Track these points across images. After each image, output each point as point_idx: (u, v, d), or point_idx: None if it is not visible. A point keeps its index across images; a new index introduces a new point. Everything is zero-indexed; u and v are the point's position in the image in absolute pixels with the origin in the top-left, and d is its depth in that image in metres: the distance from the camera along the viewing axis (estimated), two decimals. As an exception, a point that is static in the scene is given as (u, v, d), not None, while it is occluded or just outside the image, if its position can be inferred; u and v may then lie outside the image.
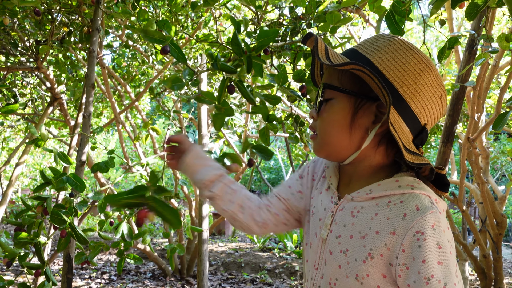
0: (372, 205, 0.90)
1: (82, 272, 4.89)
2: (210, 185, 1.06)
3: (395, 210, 0.87)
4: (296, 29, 1.78)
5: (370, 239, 0.88)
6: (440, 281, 0.81)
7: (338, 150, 0.94)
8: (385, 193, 0.90)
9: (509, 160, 6.91)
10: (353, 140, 0.92)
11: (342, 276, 0.91)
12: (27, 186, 9.42)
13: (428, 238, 0.82)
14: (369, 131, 0.91)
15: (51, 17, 2.42)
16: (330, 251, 0.94)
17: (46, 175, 1.68)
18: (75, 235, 1.68)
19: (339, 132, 0.92)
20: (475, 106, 2.66)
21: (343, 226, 0.93)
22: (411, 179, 0.91)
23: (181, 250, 2.21)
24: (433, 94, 0.90)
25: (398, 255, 0.84)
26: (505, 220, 3.44)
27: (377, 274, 0.87)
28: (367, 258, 0.87)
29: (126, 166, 2.74)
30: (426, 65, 0.89)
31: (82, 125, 1.98)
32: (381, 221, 0.88)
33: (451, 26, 3.08)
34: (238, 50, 1.12)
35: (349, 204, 0.94)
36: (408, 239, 0.83)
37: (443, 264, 0.82)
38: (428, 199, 0.87)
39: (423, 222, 0.83)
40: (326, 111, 0.93)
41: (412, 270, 0.83)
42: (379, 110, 0.90)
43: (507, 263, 6.41)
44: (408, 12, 1.47)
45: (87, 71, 2.04)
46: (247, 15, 3.26)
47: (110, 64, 4.43)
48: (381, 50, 0.89)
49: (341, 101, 0.91)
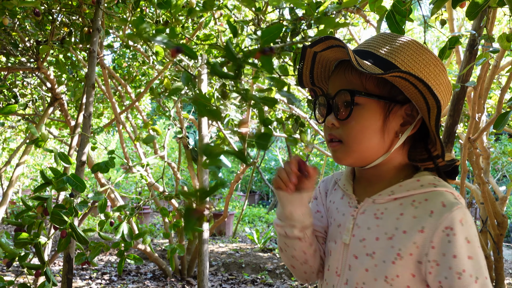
0: (396, 205, 0.91)
1: (82, 273, 4.89)
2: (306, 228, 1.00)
3: (421, 208, 0.87)
4: (296, 30, 1.78)
5: (398, 239, 0.88)
6: (471, 275, 0.82)
7: (367, 155, 0.93)
8: (408, 193, 0.90)
9: (510, 160, 6.90)
10: (384, 144, 0.92)
11: (370, 280, 0.90)
12: (28, 186, 9.43)
13: (458, 233, 0.83)
14: (400, 134, 0.91)
15: (52, 18, 2.42)
16: (355, 255, 0.93)
17: (47, 175, 1.68)
18: (75, 236, 1.68)
19: (371, 138, 0.90)
20: (476, 107, 2.65)
21: (367, 228, 0.93)
22: (431, 177, 0.92)
23: (181, 251, 2.21)
24: (448, 91, 0.92)
25: (428, 252, 0.85)
26: (506, 221, 3.43)
27: (407, 274, 0.87)
28: (396, 259, 0.87)
29: (126, 166, 2.74)
30: (441, 64, 0.90)
31: (83, 125, 1.98)
32: (407, 220, 0.88)
33: (452, 27, 3.08)
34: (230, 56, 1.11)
35: (371, 206, 0.94)
36: (437, 236, 0.84)
37: (473, 258, 0.83)
38: (452, 195, 0.88)
39: (451, 218, 0.84)
40: (355, 117, 0.90)
41: (442, 266, 0.83)
42: (406, 112, 0.91)
43: (508, 263, 6.40)
44: (408, 12, 1.47)
45: (87, 71, 2.03)
46: (248, 16, 3.26)
47: (111, 64, 4.43)
48: (400, 52, 0.88)
49: (370, 106, 0.89)
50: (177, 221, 2.20)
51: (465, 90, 2.41)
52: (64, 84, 3.31)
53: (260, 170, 11.70)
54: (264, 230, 8.09)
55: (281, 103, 5.30)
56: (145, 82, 4.48)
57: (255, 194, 14.27)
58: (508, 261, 6.64)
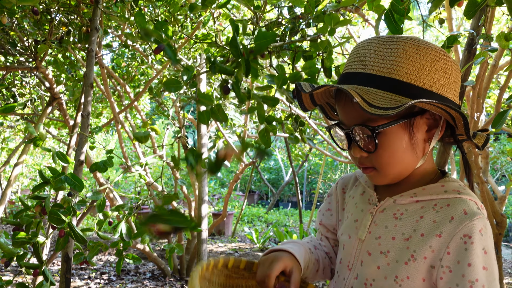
0: (417, 208, 0.91)
1: (81, 273, 4.88)
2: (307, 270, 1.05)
3: (442, 213, 0.87)
4: (295, 29, 1.78)
5: (414, 241, 0.88)
6: (484, 286, 0.82)
7: (404, 171, 0.92)
8: (431, 197, 0.90)
9: (509, 160, 6.91)
10: (418, 156, 0.91)
11: (380, 278, 0.91)
12: (27, 186, 9.42)
13: (476, 242, 0.82)
14: (429, 140, 0.91)
15: (50, 17, 2.41)
16: (368, 252, 0.94)
17: (45, 175, 1.68)
18: (74, 235, 1.67)
19: (403, 158, 0.90)
20: (475, 106, 2.65)
21: (385, 227, 0.93)
22: (456, 184, 0.91)
23: (180, 250, 2.21)
24: (457, 78, 0.90)
25: (442, 258, 0.85)
26: (505, 220, 3.43)
27: (418, 278, 0.87)
28: (409, 260, 0.87)
29: (125, 166, 2.74)
30: (445, 55, 0.87)
31: (81, 124, 1.97)
32: (427, 224, 0.88)
33: (450, 26, 3.08)
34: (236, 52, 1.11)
35: (391, 206, 0.94)
36: (454, 242, 0.84)
37: (488, 269, 0.83)
38: (475, 204, 0.87)
39: (471, 226, 0.83)
40: (382, 146, 0.88)
41: (455, 274, 0.83)
42: (428, 118, 0.89)
43: (507, 263, 6.40)
44: (407, 11, 1.46)
45: (85, 70, 2.03)
46: (246, 15, 3.26)
47: (110, 64, 4.42)
48: (401, 64, 0.84)
49: (392, 131, 0.87)
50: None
51: (464, 89, 2.41)
52: (62, 83, 3.31)
53: (259, 170, 11.70)
54: (263, 230, 8.08)
55: (280, 103, 5.30)
56: (144, 82, 4.47)
57: (254, 193, 14.27)
58: (507, 260, 6.65)
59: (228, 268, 1.03)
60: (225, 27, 3.58)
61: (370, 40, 0.90)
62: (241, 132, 4.48)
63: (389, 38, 0.88)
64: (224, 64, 1.19)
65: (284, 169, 13.20)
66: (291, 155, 7.47)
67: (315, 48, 1.48)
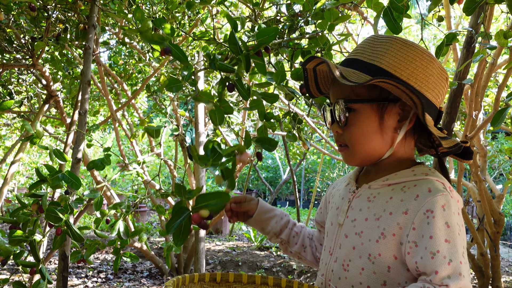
0: (388, 190, 0.97)
1: (78, 271, 4.87)
2: (279, 233, 1.22)
3: (409, 192, 0.93)
4: (293, 26, 1.77)
5: (384, 219, 0.93)
6: (445, 257, 0.85)
7: (372, 154, 1.00)
8: (400, 180, 0.96)
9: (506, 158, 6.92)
10: (385, 141, 0.98)
11: (355, 257, 0.97)
12: (24, 185, 9.39)
13: (437, 216, 0.87)
14: (398, 130, 0.97)
15: (47, 14, 2.40)
16: (345, 234, 1.01)
17: (42, 173, 1.67)
18: (71, 233, 1.66)
19: (371, 138, 0.97)
20: (473, 104, 2.65)
21: (359, 210, 1.00)
22: (426, 169, 0.97)
23: (177, 249, 2.20)
24: (441, 79, 0.97)
25: (408, 233, 0.90)
26: (502, 219, 3.44)
27: (389, 255, 0.92)
28: (380, 238, 0.93)
29: (122, 164, 2.73)
30: (429, 56, 0.95)
31: (78, 122, 1.96)
32: (395, 203, 0.94)
33: (449, 24, 3.07)
34: (235, 49, 1.11)
35: (366, 191, 1.01)
36: (418, 218, 0.89)
37: (450, 242, 0.86)
38: (441, 184, 0.93)
39: (433, 202, 0.88)
40: (352, 123, 0.98)
41: (420, 247, 0.87)
42: (401, 109, 0.96)
43: (504, 261, 6.42)
44: (405, 9, 1.46)
45: (83, 68, 2.02)
46: (245, 13, 3.25)
47: (107, 62, 4.41)
48: (385, 54, 0.94)
49: (364, 110, 0.96)
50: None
51: (462, 87, 2.41)
52: (59, 81, 3.29)
53: (257, 168, 11.70)
54: (261, 228, 8.07)
55: (279, 101, 5.29)
56: (141, 80, 4.46)
57: (252, 192, 14.27)
58: (505, 259, 6.66)
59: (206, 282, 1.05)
60: (223, 24, 3.57)
61: (371, 36, 1.01)
62: (239, 130, 4.48)
63: (385, 36, 0.98)
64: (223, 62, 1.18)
65: (282, 167, 13.19)
66: (289, 154, 7.46)
67: (315, 44, 1.48)
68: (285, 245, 1.24)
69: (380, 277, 0.93)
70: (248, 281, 1.06)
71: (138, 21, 1.14)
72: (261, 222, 1.21)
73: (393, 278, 0.92)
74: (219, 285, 1.06)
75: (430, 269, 0.85)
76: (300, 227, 1.26)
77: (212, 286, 1.06)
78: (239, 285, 1.07)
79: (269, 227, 1.21)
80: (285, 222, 1.23)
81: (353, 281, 0.97)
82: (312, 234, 1.26)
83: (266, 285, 1.06)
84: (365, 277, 0.94)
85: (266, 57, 1.68)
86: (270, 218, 1.21)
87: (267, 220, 1.21)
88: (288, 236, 1.22)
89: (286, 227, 1.23)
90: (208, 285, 1.05)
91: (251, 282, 1.06)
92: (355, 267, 0.96)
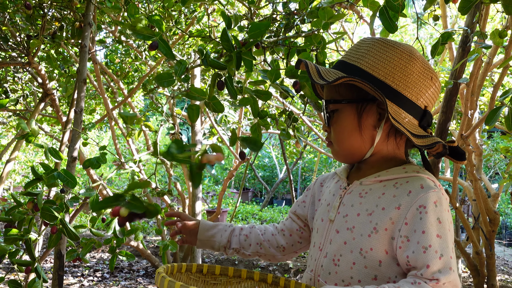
0: (379, 186, 1.00)
1: (74, 270, 4.86)
2: (228, 244, 1.24)
3: (401, 188, 0.96)
4: (289, 24, 1.77)
5: (376, 214, 0.96)
6: (437, 251, 0.88)
7: (353, 151, 1.04)
8: (392, 177, 0.99)
9: (502, 158, 6.94)
10: (365, 139, 1.02)
11: (347, 252, 0.98)
12: (19, 183, 9.36)
13: (429, 212, 0.90)
14: (377, 128, 1.01)
15: (43, 12, 2.39)
16: (337, 230, 1.03)
17: (38, 171, 1.66)
18: (66, 231, 1.66)
19: (351, 136, 1.02)
20: (469, 103, 2.66)
21: (351, 206, 1.02)
22: (417, 167, 1.01)
23: (173, 247, 2.20)
24: (423, 78, 0.98)
25: (401, 228, 0.92)
26: (498, 217, 3.45)
27: (380, 249, 0.94)
28: (372, 232, 0.95)
29: (118, 162, 2.72)
30: (409, 55, 0.98)
31: (74, 120, 1.96)
32: (387, 199, 0.96)
33: (445, 24, 3.08)
34: (227, 46, 1.12)
35: (357, 187, 1.04)
36: (411, 213, 0.91)
37: (442, 237, 0.89)
38: (432, 182, 0.96)
39: (426, 198, 0.91)
40: (335, 122, 1.04)
41: (412, 241, 0.90)
42: (380, 108, 0.99)
43: (499, 260, 6.44)
44: (401, 7, 1.46)
45: (78, 66, 2.01)
46: (241, 11, 3.24)
47: (103, 60, 4.40)
48: (366, 55, 0.99)
49: (345, 110, 1.02)
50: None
51: (458, 86, 2.41)
52: (55, 79, 3.28)
53: (253, 167, 11.68)
54: (258, 227, 8.07)
55: (276, 100, 5.29)
56: (137, 78, 4.45)
57: (248, 191, 14.27)
58: (500, 257, 6.69)
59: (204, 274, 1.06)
60: (219, 23, 3.56)
61: (361, 39, 1.06)
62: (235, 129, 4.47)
63: (370, 38, 1.03)
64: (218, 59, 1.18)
65: (278, 166, 13.20)
66: (286, 153, 7.46)
67: (309, 42, 1.48)
68: (240, 252, 1.25)
69: (371, 272, 0.95)
70: (234, 274, 1.07)
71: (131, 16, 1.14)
72: (208, 241, 1.24)
73: (384, 273, 0.95)
74: (204, 276, 1.07)
75: (421, 263, 0.88)
76: (249, 228, 1.27)
77: (198, 277, 1.06)
78: (225, 277, 1.08)
79: (217, 242, 1.23)
80: (230, 231, 1.25)
81: (343, 275, 0.98)
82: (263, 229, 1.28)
83: (251, 280, 1.07)
84: (356, 271, 0.96)
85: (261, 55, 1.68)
86: (214, 234, 1.24)
87: (212, 237, 1.24)
88: (238, 242, 1.24)
89: (232, 235, 1.25)
90: (194, 276, 1.06)
91: (237, 275, 1.07)
92: (346, 261, 0.98)
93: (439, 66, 3.96)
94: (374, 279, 0.95)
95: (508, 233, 9.43)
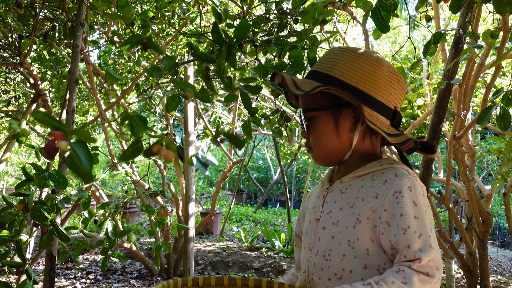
0: (358, 181, 1.06)
1: (67, 272, 4.83)
2: None
3: (378, 179, 1.03)
4: (282, 24, 1.77)
5: (357, 206, 1.02)
6: (415, 231, 0.93)
7: (333, 154, 1.10)
8: (369, 171, 1.06)
9: (495, 159, 6.98)
10: (343, 142, 1.08)
11: (335, 245, 1.04)
12: (12, 185, 9.29)
13: (405, 196, 0.96)
14: (354, 131, 1.07)
15: (34, 12, 2.37)
16: (323, 227, 1.08)
17: (29, 172, 1.64)
18: (57, 232, 1.64)
19: (329, 141, 1.08)
20: (461, 104, 2.67)
21: (334, 202, 1.08)
22: (391, 160, 1.08)
23: (166, 248, 2.19)
24: (391, 82, 1.06)
25: (381, 215, 0.98)
26: (491, 218, 3.46)
27: (366, 238, 1.00)
28: (356, 223, 1.01)
29: (111, 164, 2.71)
30: (377, 62, 1.05)
31: (66, 121, 1.94)
32: (366, 190, 1.02)
33: (438, 25, 3.09)
34: (218, 39, 1.12)
35: (338, 186, 1.10)
36: (388, 199, 0.97)
37: (419, 219, 0.95)
38: (406, 171, 1.02)
39: (400, 184, 0.98)
40: (313, 129, 1.09)
41: (392, 226, 0.96)
42: (355, 112, 1.06)
43: (492, 261, 6.47)
44: (393, 7, 1.46)
45: (70, 66, 2.00)
46: (234, 12, 3.24)
47: (96, 61, 4.37)
48: (337, 64, 1.05)
49: (322, 117, 1.08)
50: (162, 218, 2.18)
51: (451, 87, 2.42)
52: (47, 80, 3.26)
53: (247, 169, 11.68)
54: (252, 229, 8.07)
55: (268, 101, 5.29)
56: (131, 79, 4.43)
57: (242, 193, 14.26)
58: (493, 258, 6.72)
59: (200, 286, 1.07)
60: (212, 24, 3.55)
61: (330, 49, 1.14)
62: (229, 130, 4.46)
63: (339, 48, 1.10)
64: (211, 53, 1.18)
65: (272, 168, 13.20)
66: (280, 154, 7.47)
67: (299, 38, 1.49)
68: None
69: (361, 261, 1.00)
70: (229, 283, 1.08)
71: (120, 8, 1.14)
72: None
73: (373, 260, 0.99)
74: None
75: (403, 245, 0.93)
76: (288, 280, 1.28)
77: None
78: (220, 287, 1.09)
79: None
80: None
81: (335, 269, 1.03)
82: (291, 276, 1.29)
83: (246, 287, 1.07)
84: (346, 262, 1.01)
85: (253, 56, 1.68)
86: None
87: None
88: None
89: None
90: None
91: (232, 284, 1.08)
92: (336, 255, 1.03)
93: (432, 67, 3.97)
94: (365, 268, 1.00)
95: (501, 234, 9.48)
